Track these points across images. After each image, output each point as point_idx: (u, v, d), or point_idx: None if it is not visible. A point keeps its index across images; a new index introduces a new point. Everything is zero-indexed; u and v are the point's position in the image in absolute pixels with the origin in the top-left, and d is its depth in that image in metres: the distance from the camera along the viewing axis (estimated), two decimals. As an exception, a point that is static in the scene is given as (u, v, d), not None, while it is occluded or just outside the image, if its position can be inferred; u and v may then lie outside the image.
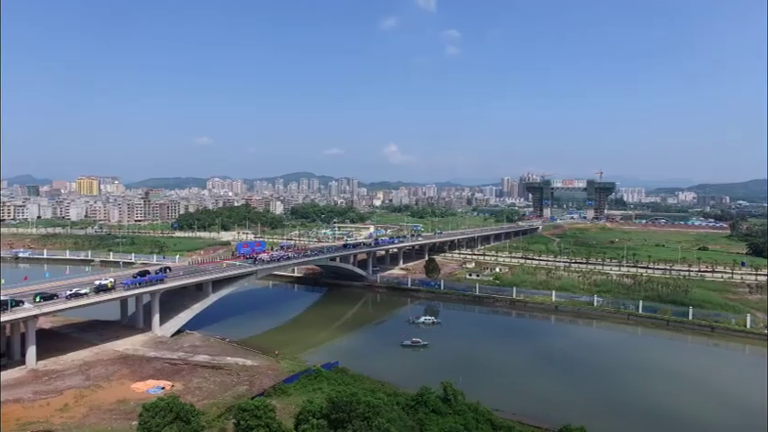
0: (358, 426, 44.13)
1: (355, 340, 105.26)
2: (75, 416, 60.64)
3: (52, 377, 73.03)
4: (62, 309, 79.12)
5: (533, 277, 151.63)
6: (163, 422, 40.93)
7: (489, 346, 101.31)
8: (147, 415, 41.09)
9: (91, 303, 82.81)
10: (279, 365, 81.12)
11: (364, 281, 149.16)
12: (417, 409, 56.98)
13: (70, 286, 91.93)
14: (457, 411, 55.52)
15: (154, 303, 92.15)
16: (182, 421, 41.53)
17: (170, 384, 70.28)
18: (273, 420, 46.93)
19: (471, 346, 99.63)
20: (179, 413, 41.81)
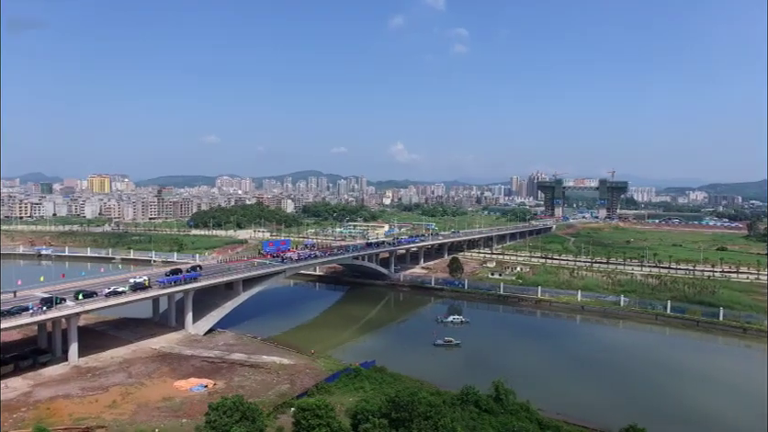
0: (423, 426, 44.14)
1: (385, 339, 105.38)
2: (125, 413, 61.24)
3: (96, 374, 73.72)
4: (102, 307, 79.80)
5: (555, 276, 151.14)
6: (231, 421, 41.17)
7: (520, 345, 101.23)
8: (215, 414, 41.32)
9: (129, 302, 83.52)
10: (316, 364, 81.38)
11: (387, 280, 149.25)
12: (463, 408, 57.09)
13: (106, 284, 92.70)
14: (510, 410, 55.45)
15: (188, 302, 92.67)
16: (248, 420, 41.75)
17: (212, 383, 70.72)
18: (333, 419, 47.15)
19: (503, 346, 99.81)
20: (245, 412, 42.05)
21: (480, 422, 52.72)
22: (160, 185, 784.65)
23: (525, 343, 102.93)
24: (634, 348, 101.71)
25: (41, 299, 76.25)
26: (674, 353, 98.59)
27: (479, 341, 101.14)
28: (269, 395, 68.27)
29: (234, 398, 44.27)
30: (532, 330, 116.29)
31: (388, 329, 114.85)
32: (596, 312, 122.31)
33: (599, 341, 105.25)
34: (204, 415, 44.87)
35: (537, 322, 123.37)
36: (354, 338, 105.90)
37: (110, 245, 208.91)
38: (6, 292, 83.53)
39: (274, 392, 69.20)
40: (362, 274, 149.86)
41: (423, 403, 47.63)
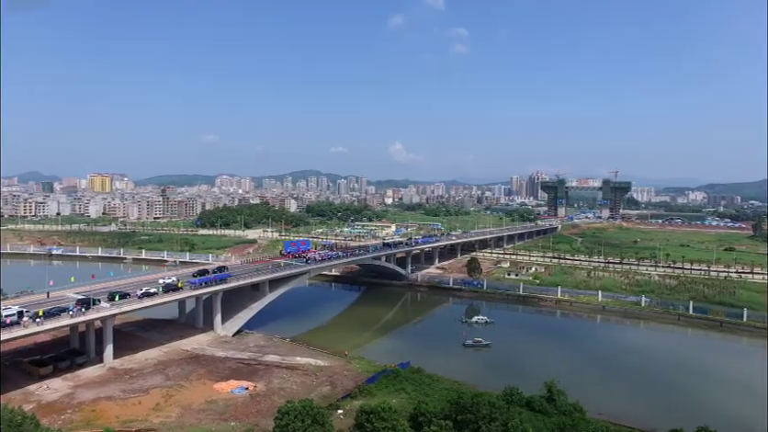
0: (492, 428, 44.06)
1: (410, 339, 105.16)
2: (171, 416, 60.86)
3: (133, 375, 73.24)
4: (137, 308, 79.22)
5: (571, 277, 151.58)
6: (303, 426, 40.93)
7: (547, 346, 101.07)
8: (287, 419, 41.10)
9: (163, 303, 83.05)
10: (351, 365, 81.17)
11: (404, 280, 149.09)
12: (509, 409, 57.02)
13: (135, 284, 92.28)
14: (563, 411, 55.47)
15: (217, 303, 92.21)
16: (318, 424, 41.53)
17: (252, 385, 70.43)
18: (398, 422, 46.96)
19: (531, 347, 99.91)
20: (315, 416, 41.80)
21: (538, 423, 52.54)
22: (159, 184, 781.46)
23: (552, 343, 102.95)
24: (660, 349, 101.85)
25: (77, 300, 75.74)
26: (701, 354, 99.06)
27: (506, 341, 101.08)
28: (312, 397, 67.60)
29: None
30: (556, 330, 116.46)
31: (411, 329, 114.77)
32: (617, 312, 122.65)
33: (624, 341, 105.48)
34: (274, 420, 44.55)
35: (560, 322, 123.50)
36: (378, 339, 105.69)
37: (119, 245, 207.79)
38: (39, 292, 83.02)
39: (316, 394, 68.93)
40: (378, 274, 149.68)
41: (486, 404, 47.58)
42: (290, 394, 68.70)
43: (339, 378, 74.70)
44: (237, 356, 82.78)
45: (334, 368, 79.13)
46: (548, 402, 56.32)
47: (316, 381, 73.14)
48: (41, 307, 73.67)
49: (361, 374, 76.72)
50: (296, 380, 73.13)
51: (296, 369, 77.44)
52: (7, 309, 71.52)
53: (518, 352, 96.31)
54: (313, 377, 74.79)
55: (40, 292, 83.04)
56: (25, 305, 74.58)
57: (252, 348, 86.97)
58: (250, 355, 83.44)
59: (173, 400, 65.22)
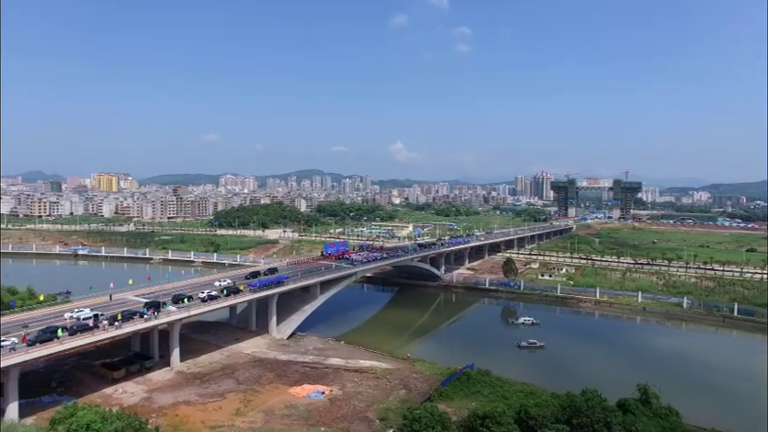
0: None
1: (461, 341, 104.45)
2: (257, 421, 60.32)
3: (203, 379, 72.62)
4: (205, 311, 78.62)
5: (604, 278, 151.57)
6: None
7: (599, 347, 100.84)
8: (417, 425, 40.62)
9: (227, 305, 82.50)
10: (417, 367, 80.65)
11: (438, 281, 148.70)
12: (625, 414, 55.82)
13: (192, 287, 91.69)
14: (659, 414, 55.14)
15: (272, 305, 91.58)
16: (447, 430, 41.07)
17: (328, 389, 69.91)
18: (512, 425, 46.54)
19: (584, 348, 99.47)
20: (444, 422, 41.36)
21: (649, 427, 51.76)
22: (162, 183, 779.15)
23: (604, 344, 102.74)
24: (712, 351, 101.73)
25: (146, 303, 75.11)
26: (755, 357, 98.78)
27: (557, 343, 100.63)
28: (391, 401, 67.56)
29: (429, 408, 43.56)
30: (601, 331, 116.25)
31: (455, 331, 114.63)
32: (658, 313, 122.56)
33: (674, 343, 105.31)
34: (401, 427, 44.05)
35: (602, 323, 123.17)
36: (426, 340, 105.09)
37: (141, 245, 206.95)
38: (101, 295, 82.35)
39: (394, 397, 68.55)
40: (412, 275, 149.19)
41: (600, 407, 47.26)
42: (368, 398, 68.37)
43: (411, 381, 74.23)
44: (300, 359, 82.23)
45: (401, 370, 78.64)
46: (644, 405, 55.81)
47: (389, 385, 72.64)
48: (108, 309, 73.27)
49: (431, 377, 76.33)
50: (369, 384, 72.62)
51: (364, 373, 76.92)
52: (80, 311, 71.03)
53: (572, 353, 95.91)
54: (385, 380, 74.27)
55: (102, 294, 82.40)
56: (92, 307, 74.14)
57: (312, 351, 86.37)
58: (312, 358, 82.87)
59: (252, 404, 64.68)
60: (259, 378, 73.69)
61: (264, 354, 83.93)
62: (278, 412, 62.95)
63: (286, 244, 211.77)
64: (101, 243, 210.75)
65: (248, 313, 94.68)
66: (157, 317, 70.05)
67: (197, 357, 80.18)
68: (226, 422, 59.44)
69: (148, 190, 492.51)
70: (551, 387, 73.44)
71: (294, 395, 68.22)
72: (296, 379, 74.05)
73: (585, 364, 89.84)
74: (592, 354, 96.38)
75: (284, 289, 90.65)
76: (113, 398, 65.30)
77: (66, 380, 69.67)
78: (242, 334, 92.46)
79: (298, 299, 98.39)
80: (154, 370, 74.11)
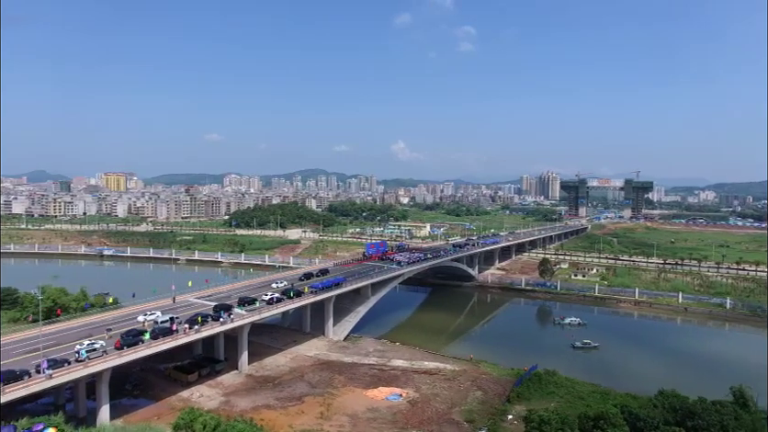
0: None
1: (509, 341, 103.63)
2: (344, 425, 59.89)
3: (275, 383, 72.12)
4: (273, 314, 78.11)
5: (637, 278, 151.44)
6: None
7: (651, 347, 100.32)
8: (548, 428, 40.18)
9: (294, 307, 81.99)
10: (482, 368, 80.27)
11: (473, 281, 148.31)
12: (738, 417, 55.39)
13: (248, 288, 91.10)
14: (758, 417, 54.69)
15: (329, 307, 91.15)
16: None
17: (405, 391, 69.55)
18: (624, 426, 46.14)
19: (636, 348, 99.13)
20: (570, 424, 40.92)
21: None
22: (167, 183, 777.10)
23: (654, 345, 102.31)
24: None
25: (214, 306, 74.55)
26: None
27: (609, 343, 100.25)
28: (469, 402, 67.22)
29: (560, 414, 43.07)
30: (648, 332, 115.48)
31: (501, 331, 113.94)
32: (700, 314, 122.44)
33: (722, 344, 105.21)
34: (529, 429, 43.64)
35: (647, 324, 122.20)
36: (472, 340, 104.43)
37: (163, 245, 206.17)
38: (164, 297, 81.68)
39: (472, 398, 68.23)
40: (446, 275, 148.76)
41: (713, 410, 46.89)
42: (446, 400, 67.98)
43: (482, 382, 73.88)
44: (364, 361, 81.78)
45: (469, 372, 78.27)
46: (741, 407, 55.41)
47: (463, 386, 72.28)
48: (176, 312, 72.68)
49: (499, 378, 76.00)
50: (443, 386, 72.24)
51: (433, 375, 76.57)
52: (152, 314, 70.37)
53: (626, 354, 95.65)
54: (456, 382, 73.91)
55: (166, 297, 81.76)
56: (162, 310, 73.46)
57: (372, 353, 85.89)
58: (375, 360, 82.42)
59: (333, 408, 64.21)
60: (330, 381, 73.19)
61: (326, 356, 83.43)
62: (362, 415, 62.51)
63: (308, 245, 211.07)
64: (123, 243, 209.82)
65: (302, 316, 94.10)
66: (232, 320, 69.29)
67: (261, 360, 79.56)
68: (314, 426, 58.95)
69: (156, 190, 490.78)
70: (620, 388, 73.20)
71: (372, 398, 67.82)
72: (367, 381, 73.63)
73: (642, 365, 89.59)
74: (645, 354, 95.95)
75: (342, 290, 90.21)
76: (192, 401, 64.65)
77: (139, 383, 69.14)
78: (298, 336, 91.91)
79: (349, 300, 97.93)
80: (223, 374, 73.54)
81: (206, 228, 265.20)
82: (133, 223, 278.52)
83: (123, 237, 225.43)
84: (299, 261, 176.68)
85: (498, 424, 59.46)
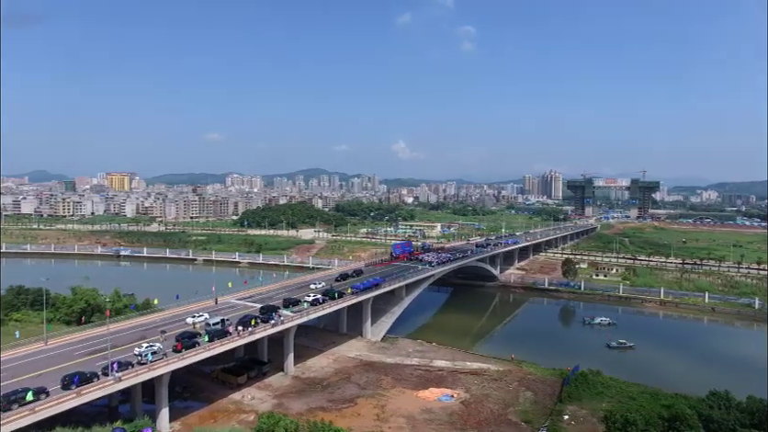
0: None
1: (544, 341, 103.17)
2: (403, 427, 59.53)
3: (323, 384, 71.72)
4: (319, 315, 77.73)
5: (659, 278, 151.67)
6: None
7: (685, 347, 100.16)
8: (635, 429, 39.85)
9: (338, 308, 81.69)
10: (524, 368, 79.92)
11: (496, 281, 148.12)
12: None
13: (287, 289, 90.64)
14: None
15: (367, 308, 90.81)
16: None
17: (455, 392, 69.22)
18: (700, 428, 45.88)
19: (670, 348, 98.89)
20: (655, 425, 40.64)
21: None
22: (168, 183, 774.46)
23: (688, 345, 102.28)
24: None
25: (261, 307, 74.07)
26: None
27: (644, 343, 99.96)
28: (522, 403, 66.98)
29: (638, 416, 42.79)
30: (678, 331, 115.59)
31: (530, 331, 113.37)
32: (728, 314, 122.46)
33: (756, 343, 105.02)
34: None
35: (675, 324, 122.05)
36: (502, 340, 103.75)
37: (178, 246, 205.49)
38: (205, 299, 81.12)
39: (523, 399, 68.00)
40: (468, 275, 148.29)
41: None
42: (498, 401, 67.68)
43: (529, 382, 73.61)
44: (406, 362, 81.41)
45: (513, 372, 78.00)
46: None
47: (511, 387, 72.01)
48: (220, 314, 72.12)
49: (544, 378, 75.77)
50: (491, 386, 71.97)
51: (479, 375, 76.25)
52: (200, 316, 69.79)
53: (662, 354, 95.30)
54: (504, 382, 73.65)
55: (208, 298, 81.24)
56: (204, 312, 72.93)
57: (413, 354, 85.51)
58: (418, 361, 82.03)
59: (388, 410, 63.80)
60: (378, 382, 72.80)
61: (368, 357, 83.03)
62: (419, 417, 62.15)
63: (323, 245, 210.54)
64: (137, 243, 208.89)
65: (338, 316, 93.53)
66: (282, 322, 68.86)
67: (304, 361, 79.04)
68: (374, 429, 58.53)
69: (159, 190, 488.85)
70: (662, 388, 72.82)
71: (424, 399, 67.46)
72: (414, 382, 73.28)
73: (678, 364, 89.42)
74: (680, 354, 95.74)
75: (381, 291, 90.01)
76: (244, 404, 64.28)
77: (188, 385, 68.56)
78: (336, 337, 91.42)
79: (384, 301, 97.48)
80: (269, 376, 73.05)
81: (216, 228, 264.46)
82: (143, 223, 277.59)
83: (136, 237, 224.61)
84: (317, 261, 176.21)
85: (557, 424, 59.26)
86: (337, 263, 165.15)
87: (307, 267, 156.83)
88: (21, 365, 53.29)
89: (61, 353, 57.14)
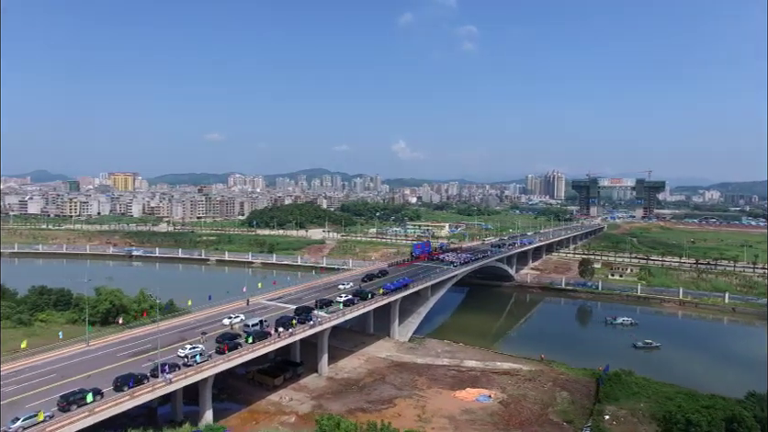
0: None
1: (567, 341, 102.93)
2: (447, 428, 59.40)
3: (359, 385, 71.46)
4: (354, 315, 77.45)
5: (677, 278, 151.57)
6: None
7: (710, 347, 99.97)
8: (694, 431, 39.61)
9: (369, 310, 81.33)
10: (554, 368, 79.70)
11: (512, 281, 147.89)
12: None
13: (314, 290, 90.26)
14: None
15: (395, 309, 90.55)
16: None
17: (492, 392, 69.01)
18: (758, 429, 45.56)
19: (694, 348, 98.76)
20: (718, 427, 40.45)
21: None
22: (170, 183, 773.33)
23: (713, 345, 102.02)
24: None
25: (295, 308, 73.75)
26: None
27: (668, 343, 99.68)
28: (559, 403, 66.84)
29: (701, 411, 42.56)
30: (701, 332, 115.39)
31: (551, 331, 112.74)
32: (748, 314, 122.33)
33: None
34: None
35: (696, 324, 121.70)
36: (525, 340, 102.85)
37: (189, 246, 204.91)
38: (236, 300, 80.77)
39: (560, 399, 67.88)
40: (485, 275, 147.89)
41: None
42: (536, 401, 67.52)
43: (563, 382, 73.46)
44: (437, 362, 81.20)
45: (545, 372, 77.82)
46: None
47: (546, 387, 71.84)
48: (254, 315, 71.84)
49: (577, 378, 75.64)
50: (527, 386, 71.82)
51: (513, 375, 76.08)
52: (236, 317, 69.43)
53: (688, 354, 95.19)
54: (538, 382, 73.48)
55: (239, 299, 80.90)
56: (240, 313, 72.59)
57: (442, 354, 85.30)
58: (449, 361, 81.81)
59: (428, 410, 63.61)
60: (413, 382, 72.57)
61: (399, 358, 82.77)
62: (460, 417, 61.99)
63: (333, 245, 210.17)
64: (148, 243, 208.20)
65: (366, 317, 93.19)
66: (320, 323, 68.55)
67: (336, 362, 78.75)
68: (418, 429, 58.25)
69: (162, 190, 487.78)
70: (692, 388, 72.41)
71: (462, 399, 67.30)
72: (449, 382, 73.09)
73: (705, 365, 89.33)
74: (706, 354, 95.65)
75: (409, 291, 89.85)
76: (283, 405, 64.04)
77: (225, 386, 68.18)
78: (364, 337, 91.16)
79: (410, 301, 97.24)
80: (303, 377, 72.74)
81: (224, 228, 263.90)
82: (151, 223, 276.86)
83: (146, 237, 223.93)
84: (330, 262, 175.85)
85: (599, 424, 59.06)
86: (352, 263, 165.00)
87: (320, 267, 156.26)
88: (68, 366, 53.04)
89: (105, 354, 56.83)
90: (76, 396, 42.47)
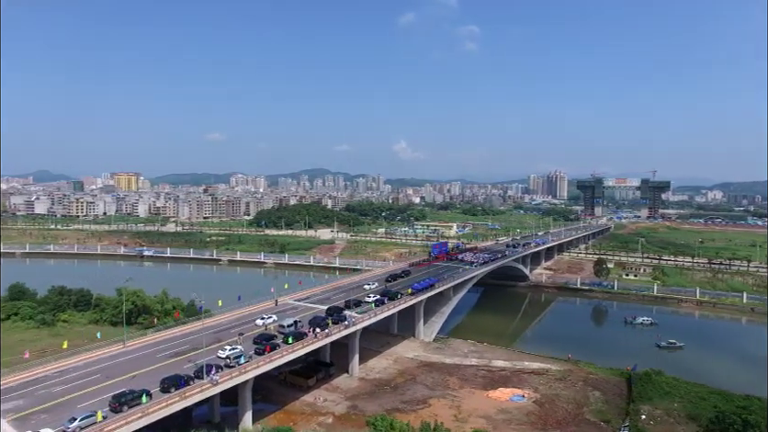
0: None
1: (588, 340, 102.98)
2: (486, 427, 58.95)
3: (391, 385, 71.31)
4: (386, 315, 77.37)
5: (691, 278, 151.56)
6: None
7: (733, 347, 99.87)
8: None
9: (398, 310, 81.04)
10: (582, 368, 79.52)
11: (527, 281, 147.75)
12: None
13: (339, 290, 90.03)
14: None
15: (420, 309, 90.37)
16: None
17: (526, 392, 68.85)
18: None
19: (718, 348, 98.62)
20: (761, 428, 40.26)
21: None
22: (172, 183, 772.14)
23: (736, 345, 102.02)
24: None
25: (327, 308, 73.49)
26: None
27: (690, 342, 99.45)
28: (593, 402, 66.77)
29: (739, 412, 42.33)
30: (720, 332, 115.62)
31: (571, 330, 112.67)
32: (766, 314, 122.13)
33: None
34: None
35: (714, 324, 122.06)
36: (543, 339, 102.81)
37: (199, 246, 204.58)
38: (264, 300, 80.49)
39: (594, 399, 67.84)
40: (500, 275, 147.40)
41: None
42: (570, 400, 67.37)
43: (594, 382, 73.38)
44: (465, 362, 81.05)
45: (574, 371, 77.70)
46: None
47: (578, 386, 71.78)
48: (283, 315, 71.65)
49: (606, 377, 75.58)
50: (558, 386, 71.72)
51: (543, 375, 76.02)
52: (269, 317, 69.14)
53: (712, 354, 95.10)
54: (569, 382, 73.39)
55: (267, 299, 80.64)
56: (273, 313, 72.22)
57: (469, 354, 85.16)
58: (477, 361, 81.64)
59: (464, 410, 63.48)
60: (445, 382, 72.44)
61: (426, 358, 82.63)
62: (496, 417, 61.85)
63: (343, 245, 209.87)
64: (157, 243, 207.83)
65: (390, 317, 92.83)
66: (354, 323, 68.31)
67: (365, 362, 78.55)
68: (456, 430, 58.04)
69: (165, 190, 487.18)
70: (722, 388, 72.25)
71: (496, 399, 67.17)
72: (481, 382, 72.98)
73: (730, 365, 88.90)
74: (729, 354, 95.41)
75: (435, 291, 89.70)
76: (318, 406, 63.86)
77: (258, 387, 67.81)
78: (388, 338, 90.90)
79: (434, 301, 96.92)
80: (334, 378, 72.51)
81: (232, 228, 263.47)
82: (159, 223, 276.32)
83: (156, 237, 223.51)
84: (342, 262, 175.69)
85: (636, 424, 58.95)
86: (365, 263, 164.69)
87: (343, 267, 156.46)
88: (111, 366, 52.72)
89: (143, 355, 56.55)
90: (128, 397, 42.18)
